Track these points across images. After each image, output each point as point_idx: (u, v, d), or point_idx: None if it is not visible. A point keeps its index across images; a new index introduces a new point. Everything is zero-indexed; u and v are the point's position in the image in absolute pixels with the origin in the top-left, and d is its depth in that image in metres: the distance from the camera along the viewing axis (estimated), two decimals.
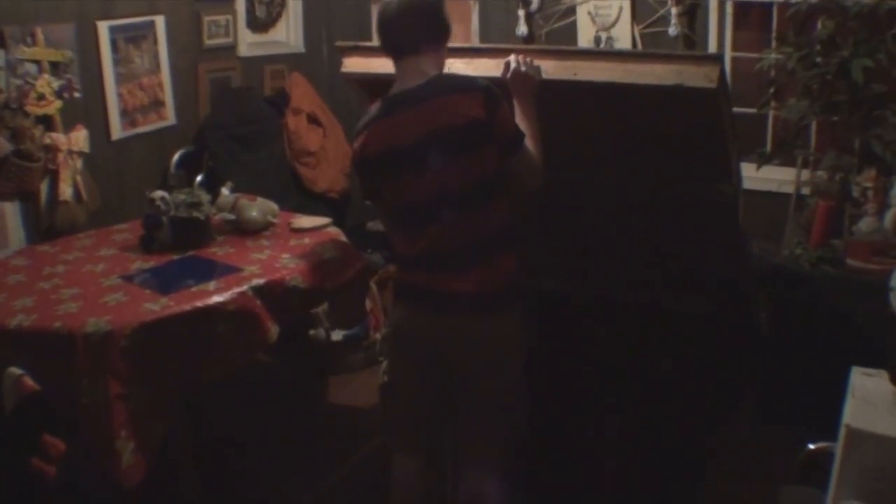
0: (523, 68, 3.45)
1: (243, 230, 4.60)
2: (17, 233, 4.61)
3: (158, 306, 3.67)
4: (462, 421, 3.58)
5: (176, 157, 5.70)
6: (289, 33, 6.76)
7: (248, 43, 6.40)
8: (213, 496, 4.19)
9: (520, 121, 3.42)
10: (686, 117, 3.51)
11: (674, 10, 5.82)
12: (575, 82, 3.53)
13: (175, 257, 4.26)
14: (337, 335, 5.57)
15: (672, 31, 5.85)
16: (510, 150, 3.33)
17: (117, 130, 5.28)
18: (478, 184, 3.32)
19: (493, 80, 3.39)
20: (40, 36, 4.61)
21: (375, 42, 3.50)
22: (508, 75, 3.46)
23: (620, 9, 6.05)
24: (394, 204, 3.49)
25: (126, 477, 3.45)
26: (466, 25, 6.68)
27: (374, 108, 3.41)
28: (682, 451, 4.27)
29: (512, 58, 3.48)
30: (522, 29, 6.37)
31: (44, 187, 4.65)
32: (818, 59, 4.76)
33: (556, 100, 3.57)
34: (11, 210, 4.57)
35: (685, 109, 3.47)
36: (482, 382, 3.47)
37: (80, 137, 4.76)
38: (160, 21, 5.58)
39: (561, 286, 4.63)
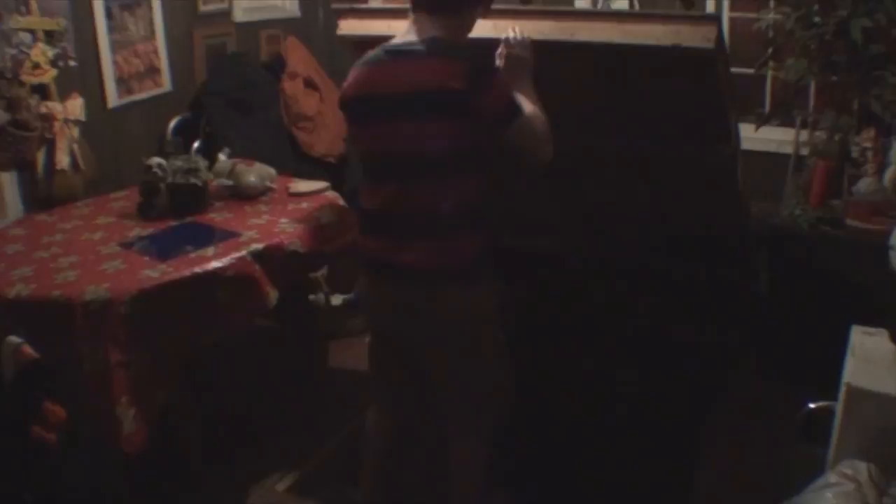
0: (515, 51, 3.39)
1: (241, 195, 4.60)
2: (14, 203, 4.60)
3: (157, 273, 3.68)
4: (437, 391, 3.60)
5: (172, 123, 5.68)
6: None
7: (244, 8, 6.36)
8: (214, 461, 4.21)
9: (521, 101, 3.32)
10: (684, 78, 3.50)
11: None
12: (572, 43, 3.52)
13: (173, 223, 4.26)
14: (336, 299, 5.57)
15: None
16: (501, 126, 3.21)
17: (113, 98, 5.25)
18: (439, 155, 3.23)
19: (485, 42, 3.39)
20: (34, 5, 4.57)
21: (371, 4, 3.48)
22: (501, 63, 3.40)
23: None
24: (359, 150, 3.48)
25: (127, 444, 3.47)
26: None
27: (371, 52, 3.37)
28: (682, 413, 4.28)
29: (502, 45, 3.42)
30: None
31: (40, 157, 4.63)
32: (816, 19, 4.74)
33: (552, 61, 3.55)
34: (8, 180, 4.56)
35: (683, 70, 3.46)
36: (444, 358, 3.46)
37: (76, 106, 4.74)
38: None
39: (559, 248, 4.63)
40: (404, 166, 3.27)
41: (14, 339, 3.39)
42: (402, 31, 3.33)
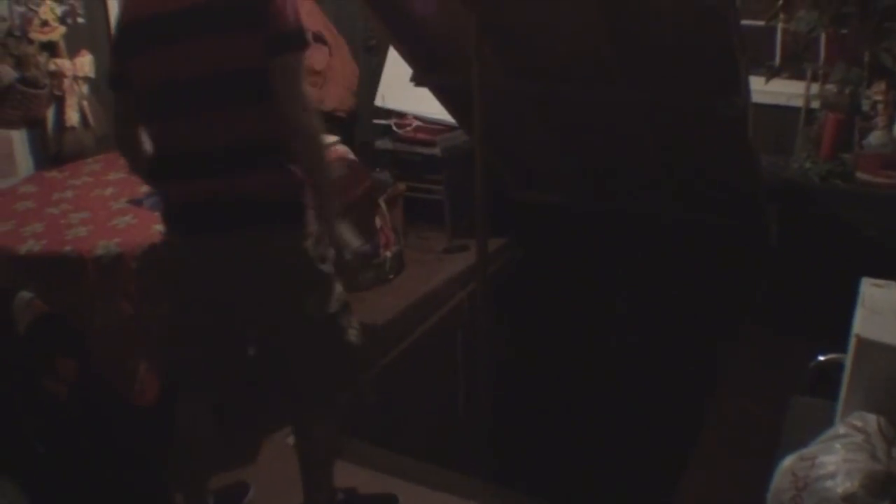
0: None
1: None
2: (25, 160, 4.60)
3: None
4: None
5: None
6: None
7: None
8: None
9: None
10: (694, 28, 3.49)
11: None
12: None
13: None
14: (347, 253, 5.56)
15: None
16: (276, 48, 2.78)
17: None
18: (225, 74, 2.84)
19: None
20: None
21: None
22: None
23: None
24: (139, 85, 3.02)
25: (138, 397, 3.49)
26: None
27: None
28: (692, 364, 4.30)
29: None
30: None
31: (50, 114, 4.63)
32: None
33: (561, 9, 3.55)
34: (19, 138, 4.57)
35: (693, 21, 3.45)
36: (272, 316, 3.11)
37: (84, 63, 4.73)
38: None
39: (571, 200, 4.63)
40: (183, 94, 2.90)
41: (26, 293, 3.40)
42: None
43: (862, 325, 2.73)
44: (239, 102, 2.87)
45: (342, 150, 4.64)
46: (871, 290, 2.96)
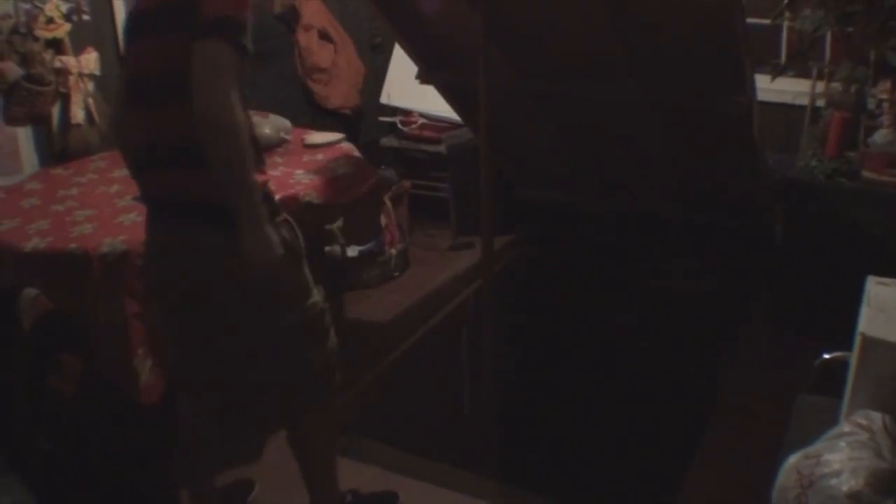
0: None
1: None
2: (30, 157, 4.61)
3: None
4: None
5: None
6: None
7: None
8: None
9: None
10: (699, 27, 3.49)
11: None
12: None
13: None
14: (352, 251, 5.56)
15: None
16: (195, 34, 2.69)
17: None
18: (167, 74, 2.80)
19: None
20: None
21: None
22: None
23: None
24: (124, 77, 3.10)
25: (144, 395, 3.49)
26: None
27: None
28: (697, 362, 4.29)
29: None
30: None
31: (55, 111, 4.64)
32: None
33: (567, 9, 3.54)
34: (24, 135, 4.57)
35: (698, 19, 3.45)
36: (231, 317, 3.03)
37: (90, 60, 4.73)
38: None
39: (575, 199, 4.63)
40: (137, 92, 2.96)
41: (31, 290, 3.40)
42: None
43: (867, 323, 2.73)
44: (179, 102, 2.74)
45: (347, 147, 4.64)
46: (876, 289, 2.96)
